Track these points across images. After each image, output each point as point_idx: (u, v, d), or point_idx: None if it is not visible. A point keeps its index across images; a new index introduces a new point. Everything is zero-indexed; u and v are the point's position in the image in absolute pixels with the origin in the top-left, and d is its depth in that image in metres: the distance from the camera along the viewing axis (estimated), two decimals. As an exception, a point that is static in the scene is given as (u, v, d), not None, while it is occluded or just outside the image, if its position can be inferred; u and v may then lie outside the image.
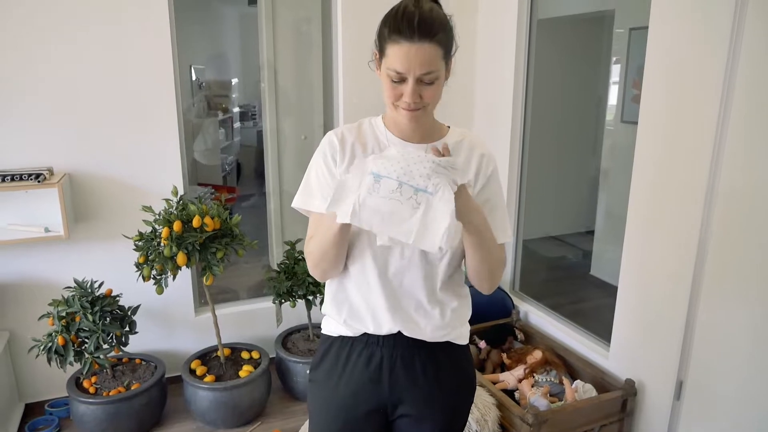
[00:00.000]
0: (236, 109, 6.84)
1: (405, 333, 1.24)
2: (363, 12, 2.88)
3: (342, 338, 1.30)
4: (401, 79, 1.11)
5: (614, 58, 4.16)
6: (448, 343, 1.29)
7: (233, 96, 6.72)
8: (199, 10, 6.13)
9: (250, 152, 6.96)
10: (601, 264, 4.18)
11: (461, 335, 1.32)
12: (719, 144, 1.90)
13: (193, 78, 5.99)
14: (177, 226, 2.29)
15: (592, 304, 3.84)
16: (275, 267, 2.99)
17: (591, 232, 4.47)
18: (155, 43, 2.57)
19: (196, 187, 5.08)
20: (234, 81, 6.79)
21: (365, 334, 1.27)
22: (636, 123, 2.23)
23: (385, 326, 1.24)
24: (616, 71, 4.13)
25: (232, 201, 5.70)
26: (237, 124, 6.84)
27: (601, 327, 2.65)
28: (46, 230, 2.43)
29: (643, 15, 2.17)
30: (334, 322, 1.31)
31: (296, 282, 2.67)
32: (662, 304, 2.18)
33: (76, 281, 2.41)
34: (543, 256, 4.71)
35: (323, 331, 1.35)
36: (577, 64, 4.56)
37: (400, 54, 1.09)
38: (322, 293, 2.68)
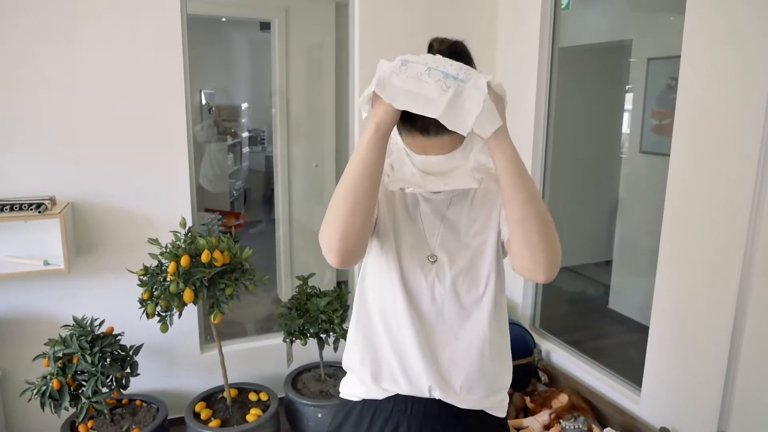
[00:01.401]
0: (245, 134, 6.79)
1: (436, 393, 1.11)
2: (380, 36, 2.81)
3: (364, 402, 1.16)
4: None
5: (627, 87, 4.09)
6: (483, 414, 1.16)
7: (243, 121, 6.68)
8: (211, 34, 6.15)
9: (258, 177, 6.91)
10: (620, 297, 4.04)
11: (499, 405, 1.18)
12: (762, 177, 1.79)
13: (203, 102, 5.96)
14: (185, 260, 2.16)
15: (613, 340, 3.68)
16: (284, 298, 2.86)
17: (607, 263, 4.34)
18: (167, 68, 2.49)
19: (203, 213, 5.00)
20: (244, 106, 6.77)
21: (391, 398, 1.14)
22: (655, 153, 2.14)
23: (413, 378, 1.11)
24: (631, 100, 4.05)
25: (239, 227, 5.61)
26: (246, 149, 6.80)
27: (627, 367, 2.53)
28: (46, 263, 2.31)
29: (661, 45, 2.09)
30: (356, 380, 1.18)
31: (308, 319, 2.53)
32: (700, 346, 2.05)
33: (75, 319, 2.28)
34: (559, 289, 4.56)
35: (342, 395, 1.22)
36: (595, 93, 4.49)
37: None
38: (335, 331, 2.54)
